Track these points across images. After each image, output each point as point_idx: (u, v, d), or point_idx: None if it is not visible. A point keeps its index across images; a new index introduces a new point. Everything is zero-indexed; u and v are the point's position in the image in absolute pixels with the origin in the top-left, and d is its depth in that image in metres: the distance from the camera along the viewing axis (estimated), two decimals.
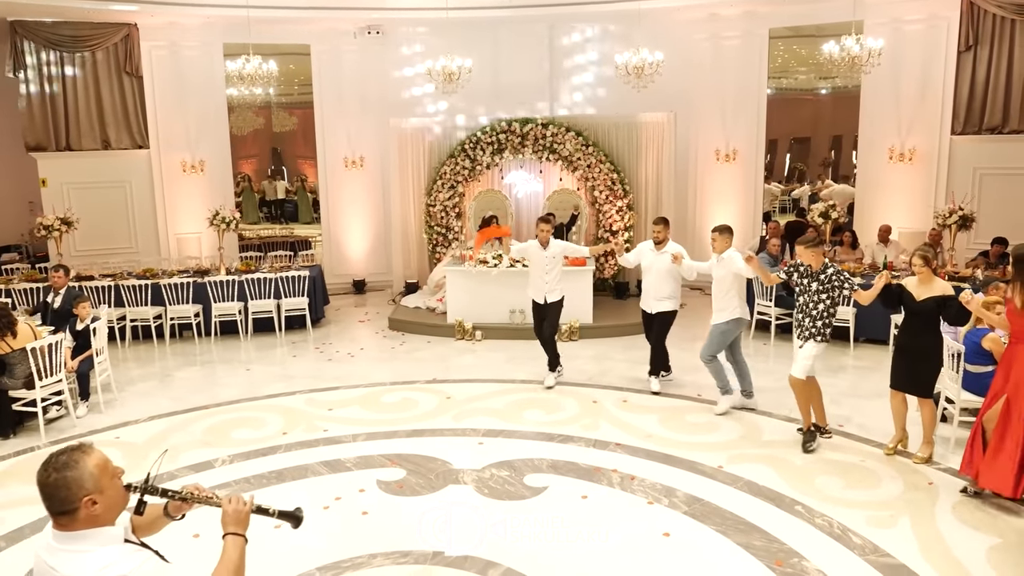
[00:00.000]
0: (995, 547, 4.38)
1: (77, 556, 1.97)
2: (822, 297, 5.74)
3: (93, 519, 2.00)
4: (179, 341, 9.69)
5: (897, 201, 10.38)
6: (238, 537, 2.18)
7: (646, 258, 7.27)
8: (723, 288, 6.57)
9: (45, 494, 1.98)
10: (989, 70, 9.67)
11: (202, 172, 11.47)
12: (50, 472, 1.97)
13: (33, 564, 2.12)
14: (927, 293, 5.35)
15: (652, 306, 7.24)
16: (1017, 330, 4.79)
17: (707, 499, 5.04)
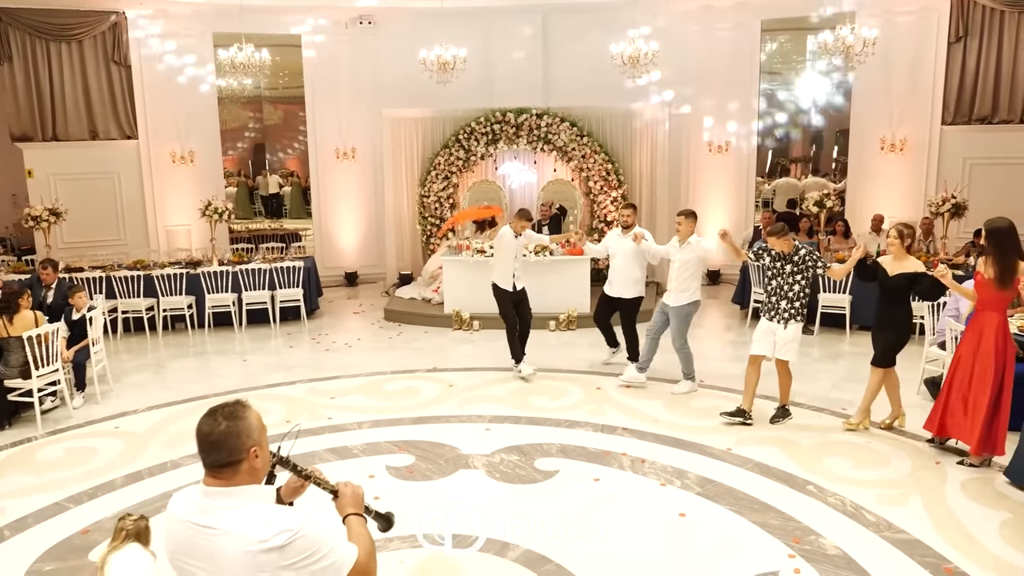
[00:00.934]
0: (1006, 522, 4.44)
1: (237, 512, 1.92)
2: (797, 278, 5.91)
3: (253, 473, 1.98)
4: (172, 333, 9.57)
5: (889, 191, 10.49)
6: (359, 516, 2.20)
7: (614, 243, 7.36)
8: (687, 272, 6.74)
9: (212, 444, 1.94)
10: (979, 61, 9.80)
11: (192, 163, 11.32)
12: (220, 421, 1.95)
13: (171, 536, 2.04)
14: (899, 269, 5.58)
15: (617, 290, 7.31)
16: (984, 299, 5.09)
17: (719, 480, 5.05)
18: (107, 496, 5.07)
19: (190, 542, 1.96)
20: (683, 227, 6.79)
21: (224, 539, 1.90)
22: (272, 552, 1.88)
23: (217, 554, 1.91)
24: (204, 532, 1.93)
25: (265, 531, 1.89)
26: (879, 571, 3.95)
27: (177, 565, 2.02)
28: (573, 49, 11.67)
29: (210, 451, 1.95)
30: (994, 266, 5.01)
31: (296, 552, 1.90)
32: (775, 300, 6.02)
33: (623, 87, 10.48)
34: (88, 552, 4.36)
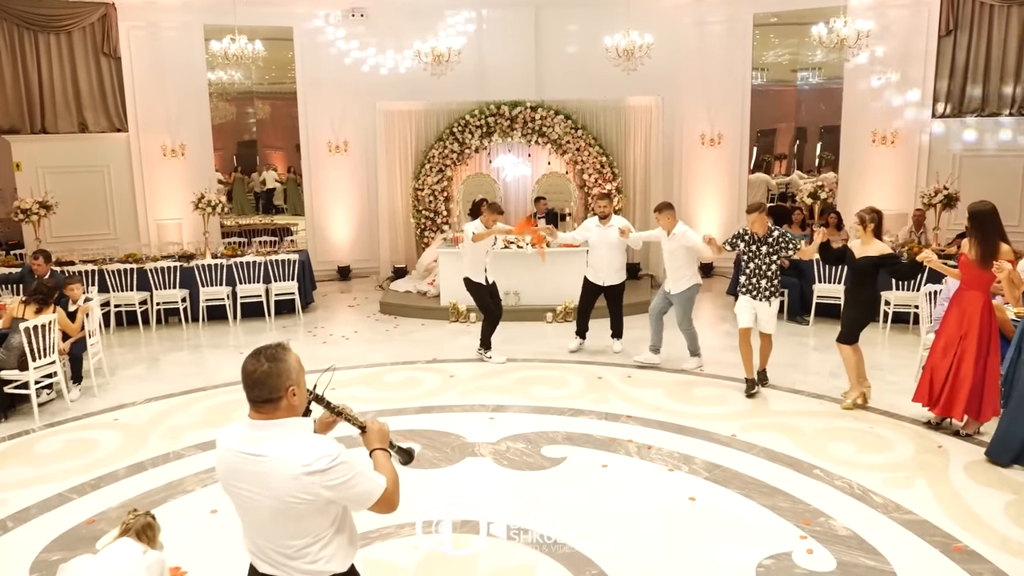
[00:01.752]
0: (1011, 503, 4.50)
1: (282, 440, 2.14)
2: (773, 259, 6.40)
3: (291, 409, 2.19)
4: (165, 326, 9.47)
5: (880, 183, 10.58)
6: (384, 451, 2.40)
7: (593, 234, 7.58)
8: (678, 260, 7.07)
9: (255, 382, 2.15)
10: (969, 54, 9.90)
11: (183, 156, 11.20)
12: (262, 362, 2.15)
13: (222, 465, 2.26)
14: (865, 252, 5.96)
15: (604, 279, 7.59)
16: (967, 278, 5.38)
17: (726, 465, 5.08)
18: (111, 487, 5.01)
19: (241, 468, 2.18)
20: (662, 221, 7.12)
21: (273, 464, 2.12)
22: (315, 475, 2.10)
23: (267, 477, 2.13)
24: (254, 459, 2.15)
25: (308, 456, 2.11)
26: (890, 551, 3.99)
27: (229, 489, 2.26)
28: (566, 42, 11.68)
29: (253, 388, 2.17)
30: (976, 247, 5.28)
31: (335, 475, 2.12)
32: (756, 280, 6.47)
33: (616, 80, 10.47)
34: (95, 542, 4.28)
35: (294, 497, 2.12)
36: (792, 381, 6.80)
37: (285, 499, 2.12)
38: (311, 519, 2.18)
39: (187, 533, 4.35)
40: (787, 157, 18.47)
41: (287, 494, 2.12)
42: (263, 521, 2.21)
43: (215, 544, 4.27)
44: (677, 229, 7.06)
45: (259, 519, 2.21)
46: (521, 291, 9.38)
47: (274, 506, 2.14)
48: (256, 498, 2.17)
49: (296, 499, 2.12)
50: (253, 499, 2.19)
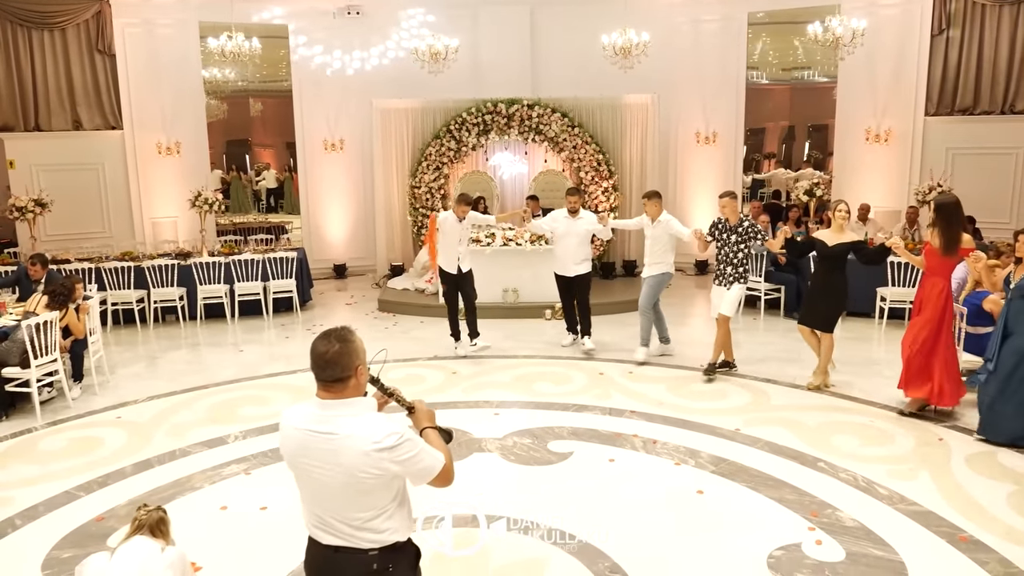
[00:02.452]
0: (1013, 493, 4.58)
1: (352, 419, 2.26)
2: (740, 247, 6.71)
3: (357, 388, 2.32)
4: (163, 325, 9.43)
5: (874, 180, 10.68)
6: (434, 429, 2.50)
7: (561, 226, 7.74)
8: (660, 247, 7.33)
9: (327, 362, 2.27)
10: (961, 53, 10.02)
11: (178, 154, 11.15)
12: (333, 343, 2.29)
13: (289, 443, 2.36)
14: (838, 239, 6.26)
15: (571, 270, 7.73)
16: (931, 266, 5.73)
17: (731, 459, 5.13)
18: (118, 484, 5.00)
19: (310, 446, 2.29)
20: (649, 208, 7.34)
21: (344, 442, 2.24)
22: (384, 451, 2.22)
23: (338, 454, 2.24)
24: (324, 437, 2.26)
25: (378, 434, 2.22)
26: (897, 541, 4.05)
27: (296, 465, 2.36)
28: (561, 40, 11.70)
29: (324, 368, 2.28)
30: (940, 236, 5.63)
31: (402, 451, 2.24)
32: (723, 267, 6.80)
33: (611, 78, 10.53)
34: (106, 539, 4.30)
35: (364, 472, 2.23)
36: (792, 376, 6.87)
37: (356, 474, 2.23)
38: (378, 493, 2.30)
39: (198, 529, 4.35)
40: (776, 155, 18.62)
41: (358, 469, 2.23)
42: (332, 495, 2.30)
43: (226, 540, 4.28)
44: (662, 217, 7.30)
45: (327, 494, 2.31)
46: (520, 288, 9.40)
47: (345, 481, 2.25)
48: (326, 474, 2.27)
49: (366, 474, 2.23)
50: (322, 475, 2.28)
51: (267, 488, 4.88)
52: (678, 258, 11.35)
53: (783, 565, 3.86)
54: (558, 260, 7.88)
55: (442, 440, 2.48)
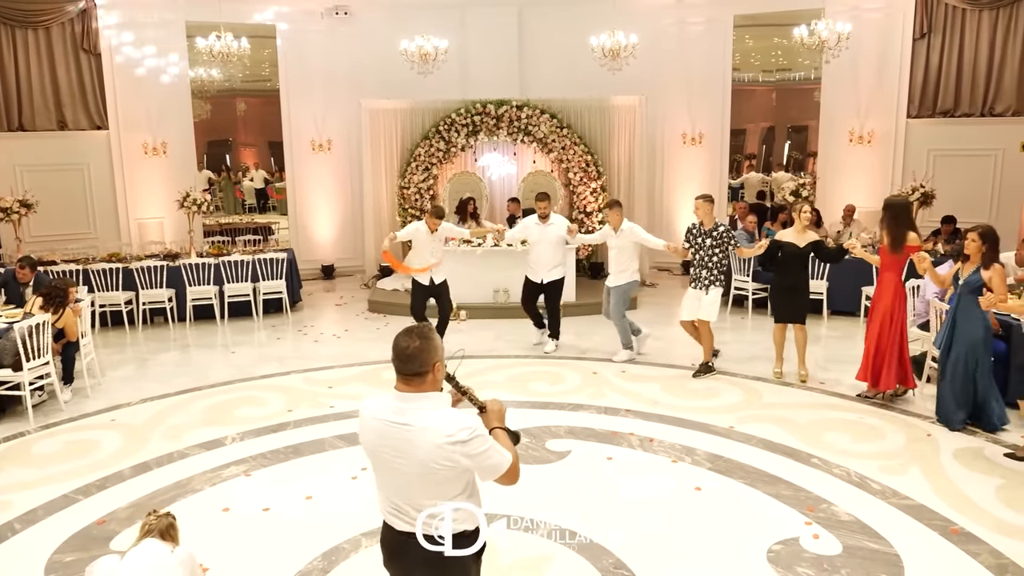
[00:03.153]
0: (1001, 486, 4.70)
1: (428, 412, 2.38)
2: (716, 251, 6.84)
3: (435, 383, 2.43)
4: (151, 327, 9.37)
5: (857, 181, 10.86)
6: (504, 430, 2.58)
7: (533, 232, 7.81)
8: (625, 256, 7.40)
9: (408, 357, 2.38)
10: (942, 57, 10.22)
11: (164, 154, 11.08)
12: (415, 339, 2.40)
13: (369, 433, 2.48)
14: (804, 240, 6.65)
15: (544, 276, 7.78)
16: (885, 263, 6.13)
17: (727, 456, 5.22)
18: (117, 487, 4.98)
19: (388, 435, 2.41)
20: (611, 218, 7.40)
21: (420, 433, 2.35)
22: (456, 444, 2.33)
23: (413, 445, 2.36)
24: (401, 428, 2.38)
25: (452, 427, 2.33)
26: (892, 534, 4.15)
27: (373, 453, 2.50)
28: (548, 41, 11.75)
29: (406, 362, 2.39)
30: (887, 234, 6.08)
31: (474, 446, 2.35)
32: (698, 271, 6.93)
33: (599, 79, 10.60)
34: (109, 541, 4.30)
35: (437, 463, 2.35)
36: (785, 374, 6.97)
37: (430, 464, 2.35)
38: (450, 483, 2.42)
39: (201, 532, 4.36)
40: (756, 157, 18.83)
41: (432, 460, 2.35)
42: (407, 484, 2.44)
43: (230, 542, 4.29)
44: (624, 225, 7.37)
45: (402, 482, 2.45)
46: (511, 288, 9.44)
47: (419, 471, 2.38)
48: (401, 462, 2.40)
49: (439, 465, 2.35)
50: (399, 464, 2.41)
51: (269, 489, 4.90)
52: (664, 259, 11.51)
53: (783, 559, 3.95)
54: (530, 266, 7.89)
55: (510, 440, 2.56)
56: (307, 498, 4.78)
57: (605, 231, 7.58)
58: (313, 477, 5.09)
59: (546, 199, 7.89)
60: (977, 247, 5.48)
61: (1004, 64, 10.00)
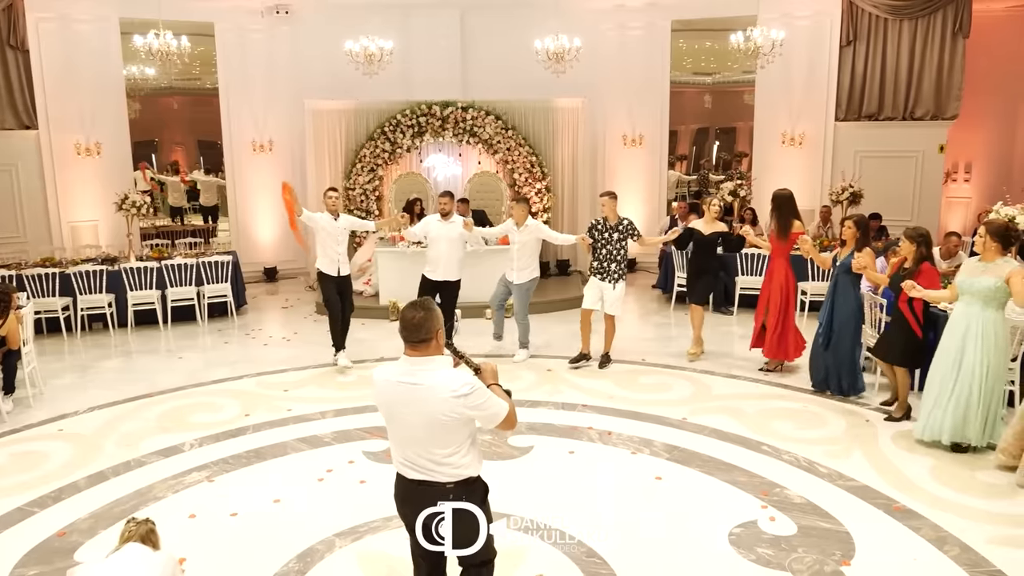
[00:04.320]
0: (934, 467, 5.06)
1: (435, 372, 2.81)
2: (622, 244, 7.19)
3: (438, 348, 2.85)
4: (90, 333, 9.08)
5: (790, 181, 11.19)
6: (498, 385, 3.00)
7: (434, 230, 7.72)
8: (527, 252, 7.54)
9: (415, 326, 2.79)
10: (867, 63, 10.79)
11: (98, 155, 10.73)
12: (419, 311, 2.81)
13: (384, 395, 2.91)
14: (712, 229, 7.45)
15: (442, 274, 7.72)
16: (775, 250, 6.96)
17: (683, 446, 5.44)
18: (74, 498, 4.86)
19: (400, 394, 2.84)
20: (516, 212, 7.52)
21: (428, 391, 2.78)
22: (460, 398, 2.76)
23: (424, 401, 2.79)
24: (412, 387, 2.81)
25: (455, 384, 2.77)
26: (841, 513, 4.43)
27: (389, 411, 2.92)
28: (491, 44, 11.84)
29: (413, 331, 2.80)
30: (775, 223, 6.86)
31: (475, 399, 2.78)
32: (607, 264, 7.18)
33: (541, 82, 10.77)
34: (72, 553, 4.21)
35: (445, 415, 2.77)
36: (727, 366, 7.29)
37: (439, 417, 2.78)
38: (456, 432, 2.84)
39: (169, 540, 4.26)
40: (687, 158, 19.37)
41: (440, 413, 2.77)
42: (418, 436, 2.85)
43: (200, 548, 4.25)
44: (529, 222, 7.50)
45: (414, 435, 2.86)
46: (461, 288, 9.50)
47: (429, 422, 2.80)
48: (413, 417, 2.82)
49: (447, 417, 2.78)
50: (410, 418, 2.83)
51: (234, 494, 4.86)
52: None
53: (744, 540, 4.17)
54: (429, 263, 7.81)
55: (504, 393, 2.97)
56: (275, 501, 4.77)
57: (507, 225, 7.65)
58: (278, 481, 5.07)
59: (448, 196, 7.84)
60: (852, 233, 6.22)
61: (923, 71, 10.64)
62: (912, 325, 5.77)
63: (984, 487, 4.77)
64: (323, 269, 7.51)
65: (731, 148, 17.66)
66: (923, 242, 5.74)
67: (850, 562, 3.95)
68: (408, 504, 3.01)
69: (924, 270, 5.69)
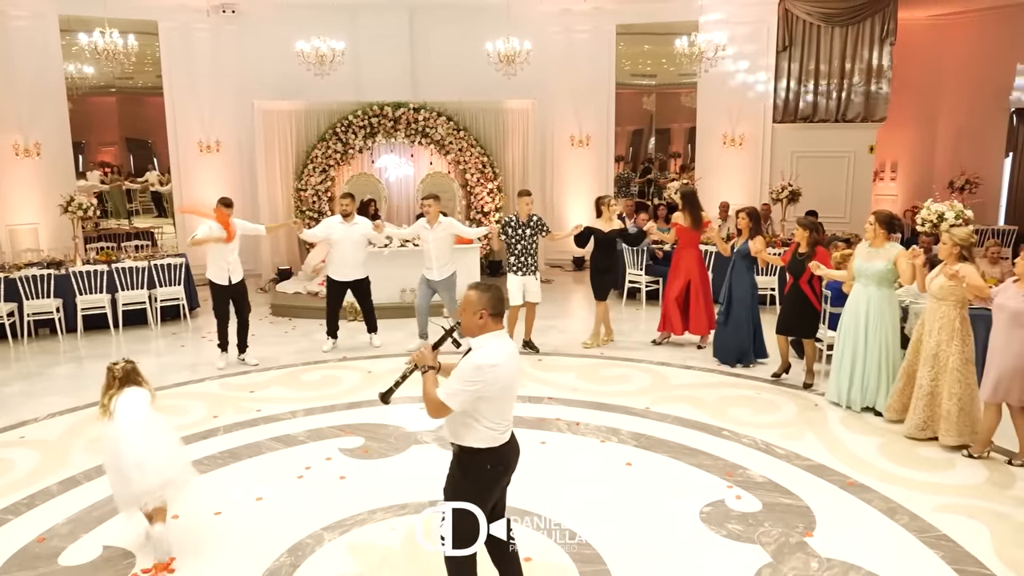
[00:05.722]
0: (881, 445, 5.46)
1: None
2: (535, 239, 7.64)
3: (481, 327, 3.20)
4: (37, 339, 8.82)
5: (732, 181, 11.82)
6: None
7: (336, 231, 7.81)
8: (444, 248, 7.79)
9: (500, 300, 3.21)
10: (802, 67, 11.35)
11: (38, 156, 10.39)
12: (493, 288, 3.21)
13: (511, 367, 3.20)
14: (610, 227, 7.82)
15: (348, 274, 7.87)
16: (684, 240, 7.79)
17: (649, 434, 5.71)
18: (49, 504, 4.81)
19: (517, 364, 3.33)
20: (431, 210, 7.70)
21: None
22: None
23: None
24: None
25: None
26: (800, 490, 4.76)
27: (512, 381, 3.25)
28: (440, 45, 11.96)
29: (501, 303, 3.21)
30: (688, 217, 7.67)
31: None
32: (524, 258, 7.61)
33: (491, 83, 10.94)
34: (56, 557, 4.19)
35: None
36: (683, 358, 7.62)
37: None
38: None
39: None
40: (624, 159, 19.85)
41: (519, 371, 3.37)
42: (515, 394, 3.31)
43: (190, 546, 4.27)
44: (442, 219, 7.72)
45: (515, 395, 3.30)
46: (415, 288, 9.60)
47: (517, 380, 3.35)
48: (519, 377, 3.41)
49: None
50: (518, 379, 3.34)
51: (215, 494, 4.88)
52: (558, 256, 12.07)
53: (714, 518, 4.45)
54: (333, 264, 7.90)
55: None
56: (257, 499, 4.82)
57: (419, 225, 7.83)
58: (257, 479, 5.12)
59: (349, 197, 7.94)
60: (746, 224, 7.11)
61: (854, 75, 11.26)
62: (812, 300, 6.63)
63: (926, 462, 5.19)
64: (213, 279, 7.40)
65: (666, 148, 18.21)
66: (815, 229, 6.71)
67: (812, 533, 4.27)
68: (514, 463, 3.40)
69: (818, 252, 6.53)
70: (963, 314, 5.33)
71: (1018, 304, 4.87)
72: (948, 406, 5.31)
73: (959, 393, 5.28)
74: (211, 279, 7.45)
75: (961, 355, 5.30)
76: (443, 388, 3.14)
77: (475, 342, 3.18)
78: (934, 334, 5.38)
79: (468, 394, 3.10)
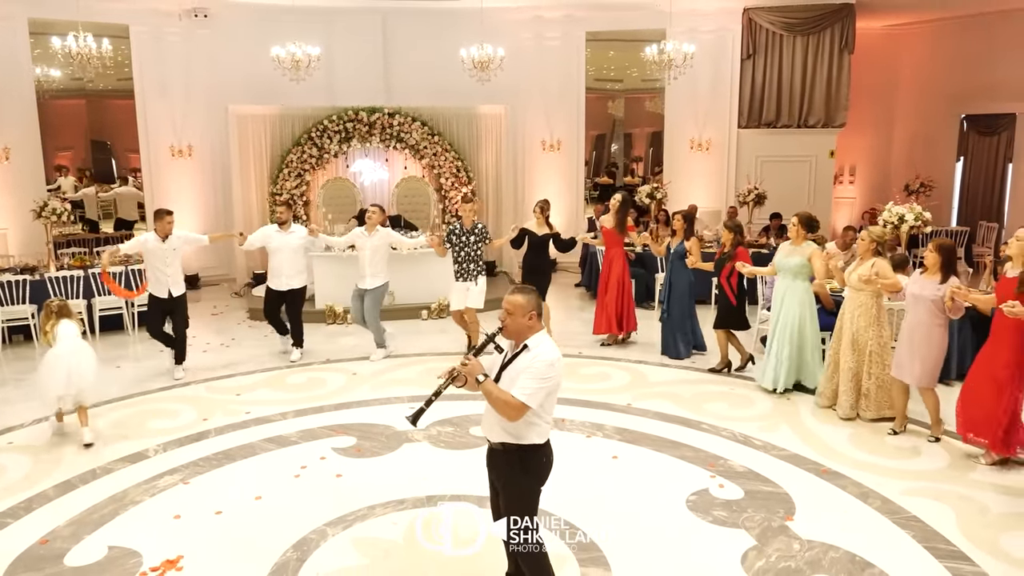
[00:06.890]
0: (851, 435, 5.78)
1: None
2: (479, 246, 7.80)
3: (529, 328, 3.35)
4: (11, 345, 8.73)
5: (699, 184, 12.18)
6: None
7: (274, 240, 7.81)
8: (379, 257, 7.84)
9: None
10: (765, 75, 11.76)
11: (7, 160, 10.25)
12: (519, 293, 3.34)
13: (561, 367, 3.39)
14: (543, 231, 8.06)
15: (284, 284, 7.81)
16: (610, 242, 8.20)
17: (632, 428, 5.95)
18: (47, 507, 4.85)
19: None
20: (374, 218, 7.82)
21: None
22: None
23: None
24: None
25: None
26: (779, 478, 5.04)
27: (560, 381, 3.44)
28: (414, 50, 12.09)
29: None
30: (615, 221, 8.06)
31: None
32: (467, 265, 7.77)
33: (464, 89, 11.10)
34: (62, 558, 4.25)
35: None
36: (660, 357, 7.88)
37: None
38: None
39: (160, 539, 4.41)
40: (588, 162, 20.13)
41: None
42: None
43: (196, 545, 4.37)
44: (380, 228, 7.82)
45: None
46: (396, 290, 9.73)
47: None
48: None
49: None
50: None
51: (214, 494, 4.98)
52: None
53: (700, 506, 4.70)
54: (271, 272, 7.86)
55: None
56: (256, 498, 4.93)
57: (356, 232, 7.89)
58: (255, 479, 5.21)
59: (286, 205, 8.19)
60: (681, 225, 7.66)
61: (815, 82, 11.70)
62: (729, 296, 7.13)
63: (893, 449, 5.51)
64: (154, 292, 7.29)
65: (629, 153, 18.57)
66: (738, 231, 7.24)
67: (793, 517, 4.54)
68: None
69: (739, 253, 7.08)
70: (879, 303, 5.95)
71: (932, 293, 5.39)
72: (867, 385, 5.94)
73: (877, 374, 5.90)
74: (151, 292, 7.34)
75: (878, 340, 5.91)
76: (518, 390, 3.23)
77: (531, 342, 3.30)
78: (854, 321, 5.95)
79: (544, 391, 3.25)
